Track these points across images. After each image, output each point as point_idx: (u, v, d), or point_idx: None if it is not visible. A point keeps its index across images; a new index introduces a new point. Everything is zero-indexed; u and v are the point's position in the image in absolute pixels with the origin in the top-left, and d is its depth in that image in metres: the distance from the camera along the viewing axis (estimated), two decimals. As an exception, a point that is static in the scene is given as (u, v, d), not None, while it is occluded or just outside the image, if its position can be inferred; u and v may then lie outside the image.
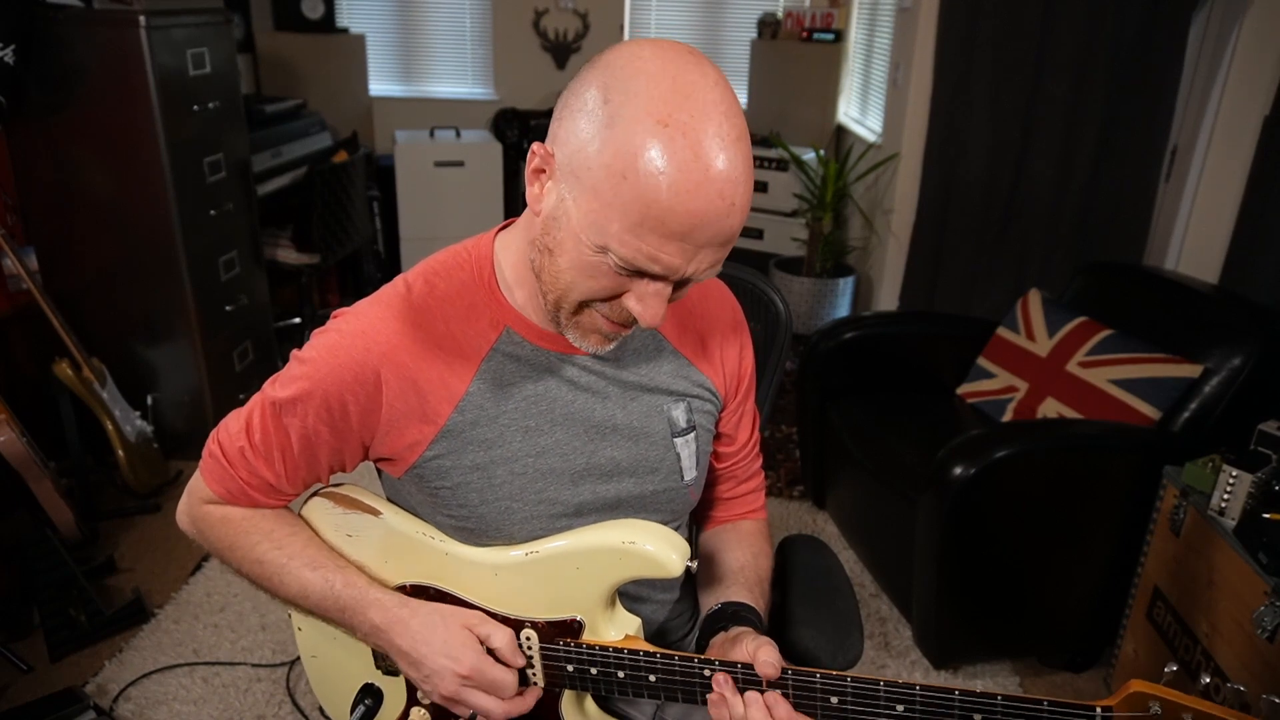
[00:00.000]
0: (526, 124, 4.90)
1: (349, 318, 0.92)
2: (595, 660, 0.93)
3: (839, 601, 1.21)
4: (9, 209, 2.62)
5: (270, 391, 0.93)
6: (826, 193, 3.96)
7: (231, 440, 0.96)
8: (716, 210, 0.73)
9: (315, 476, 0.98)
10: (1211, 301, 2.12)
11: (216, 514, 0.99)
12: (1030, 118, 3.02)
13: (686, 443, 1.01)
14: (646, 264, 0.76)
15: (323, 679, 1.12)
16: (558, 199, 0.79)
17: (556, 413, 0.95)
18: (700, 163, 0.71)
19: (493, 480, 0.93)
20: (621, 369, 0.97)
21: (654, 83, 0.73)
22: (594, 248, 0.77)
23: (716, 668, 0.89)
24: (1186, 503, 1.71)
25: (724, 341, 1.05)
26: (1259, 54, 2.45)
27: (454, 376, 0.91)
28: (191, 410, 2.86)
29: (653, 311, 0.80)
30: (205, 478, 0.98)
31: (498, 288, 0.93)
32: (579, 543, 0.93)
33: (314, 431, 0.92)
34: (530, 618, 0.95)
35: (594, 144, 0.74)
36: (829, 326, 2.55)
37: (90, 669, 2.01)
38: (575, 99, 0.77)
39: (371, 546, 1.00)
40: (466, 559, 0.96)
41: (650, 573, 0.91)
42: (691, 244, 0.75)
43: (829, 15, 4.48)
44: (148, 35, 2.43)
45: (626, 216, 0.73)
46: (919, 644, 2.14)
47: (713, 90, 0.74)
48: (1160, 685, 0.78)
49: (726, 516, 1.17)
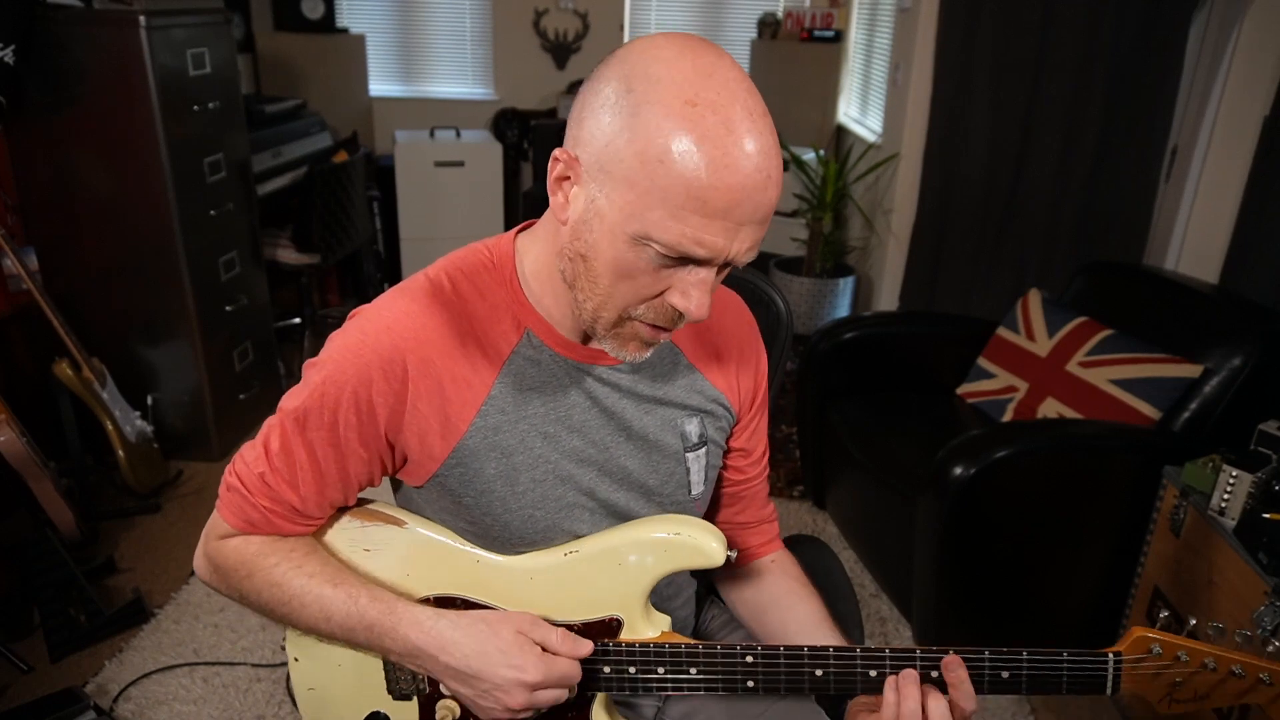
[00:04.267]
0: (526, 124, 4.90)
1: (370, 314, 0.89)
2: (635, 659, 0.92)
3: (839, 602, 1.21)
4: (9, 209, 2.62)
5: (287, 406, 0.89)
6: (826, 193, 3.96)
7: (249, 468, 0.91)
8: (755, 183, 0.73)
9: (343, 493, 0.93)
10: (1211, 301, 2.12)
11: (233, 543, 0.95)
12: (1030, 118, 3.02)
13: (697, 457, 1.00)
14: (692, 248, 0.74)
15: (321, 712, 1.03)
16: (587, 200, 0.78)
17: (574, 420, 0.93)
18: (734, 137, 0.71)
19: (515, 488, 0.92)
20: (637, 381, 0.96)
21: (674, 67, 0.73)
22: (633, 241, 0.75)
23: (759, 654, 0.91)
24: (1186, 503, 1.71)
25: (739, 356, 1.04)
26: (1259, 54, 2.45)
27: (477, 378, 0.89)
28: (191, 410, 2.85)
29: (698, 302, 0.78)
30: (224, 514, 0.93)
31: (521, 290, 0.91)
32: (621, 538, 0.93)
33: (342, 438, 0.88)
34: (566, 621, 0.93)
35: (623, 135, 0.73)
36: (829, 326, 2.55)
37: (90, 669, 2.01)
38: (594, 98, 0.77)
39: (392, 560, 0.96)
40: (500, 565, 0.94)
41: (696, 563, 0.92)
42: (733, 221, 0.74)
43: (829, 15, 4.48)
44: (148, 35, 2.43)
45: (668, 201, 0.73)
46: (919, 644, 2.14)
47: (732, 69, 0.74)
48: (1157, 630, 0.90)
49: (753, 548, 1.13)
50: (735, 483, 1.11)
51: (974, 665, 0.89)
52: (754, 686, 0.92)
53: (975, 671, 0.89)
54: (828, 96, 4.52)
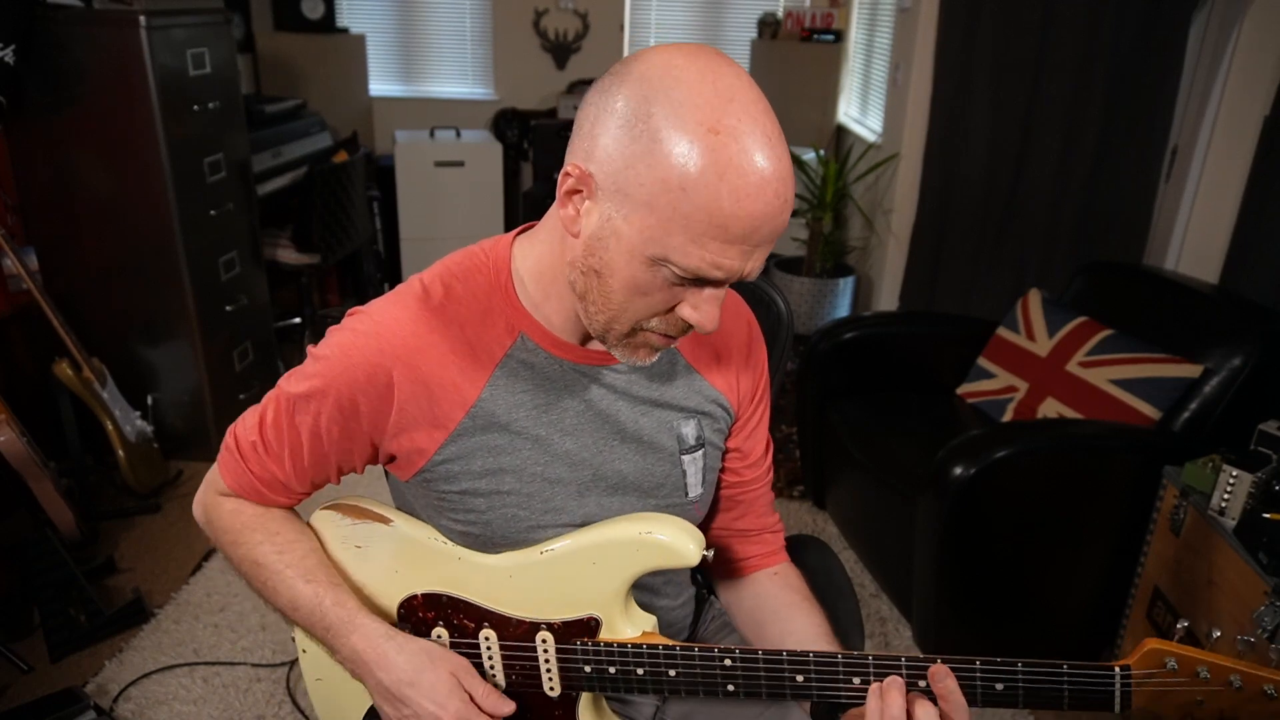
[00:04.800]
0: (526, 124, 4.90)
1: (363, 316, 0.91)
2: (614, 658, 0.93)
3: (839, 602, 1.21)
4: (9, 209, 2.62)
5: (285, 387, 0.93)
6: (826, 193, 3.96)
7: (246, 434, 0.97)
8: (773, 209, 0.74)
9: (325, 476, 0.98)
10: (1211, 301, 2.12)
11: (228, 506, 1.00)
12: (1030, 118, 3.02)
13: (694, 459, 1.00)
14: (710, 271, 0.76)
15: (328, 703, 1.09)
16: (602, 219, 0.78)
17: (567, 423, 0.94)
18: (755, 166, 0.72)
19: (500, 487, 0.93)
20: (633, 383, 0.96)
21: (695, 91, 0.72)
22: (649, 262, 0.77)
23: (738, 657, 0.89)
24: (1186, 503, 1.71)
25: (738, 355, 1.04)
26: (1259, 54, 2.45)
27: (467, 381, 0.90)
28: (191, 410, 2.86)
29: (710, 317, 0.80)
30: (220, 469, 1.00)
31: (515, 293, 0.92)
32: (594, 537, 0.93)
33: (325, 430, 0.92)
34: (546, 619, 0.94)
35: (644, 160, 0.73)
36: (829, 326, 2.55)
37: (90, 669, 2.01)
38: (606, 113, 0.76)
39: (382, 556, 0.99)
40: (480, 563, 0.95)
41: (668, 563, 0.91)
42: (750, 244, 0.75)
43: (829, 15, 4.48)
44: (148, 35, 2.43)
45: (690, 228, 0.73)
46: (919, 644, 2.14)
47: (749, 89, 0.75)
48: (1174, 642, 0.82)
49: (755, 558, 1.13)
50: (731, 485, 1.10)
51: (964, 676, 0.86)
52: (734, 690, 0.91)
53: (966, 683, 0.86)
54: (828, 96, 4.52)
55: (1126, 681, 0.84)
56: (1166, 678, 0.82)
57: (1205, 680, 0.81)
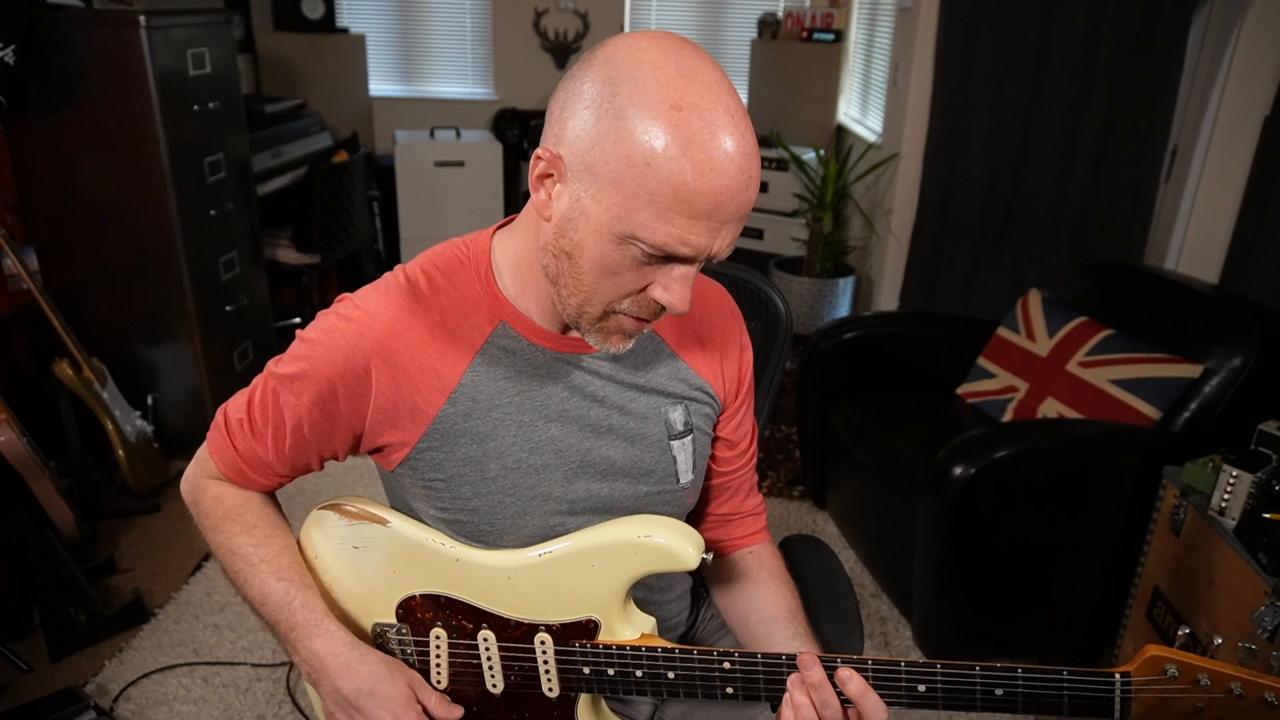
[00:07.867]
0: (526, 124, 4.90)
1: (348, 303, 0.93)
2: (613, 660, 0.93)
3: (839, 602, 1.21)
4: (9, 209, 2.62)
5: (272, 368, 0.95)
6: (826, 193, 3.96)
7: (235, 413, 0.99)
8: (738, 185, 0.75)
9: (305, 460, 0.99)
10: (1211, 301, 2.12)
11: (214, 490, 1.02)
12: (1030, 118, 3.02)
13: (683, 445, 1.00)
14: (677, 247, 0.77)
15: None
16: (571, 200, 0.79)
17: (551, 409, 0.94)
18: (718, 140, 0.73)
19: (485, 473, 0.93)
20: (619, 370, 0.97)
21: (658, 70, 0.74)
22: (618, 240, 0.78)
23: (737, 660, 0.89)
24: (1186, 503, 1.71)
25: (723, 344, 1.05)
26: (1259, 54, 2.45)
27: (447, 368, 0.91)
28: (191, 410, 2.86)
29: (680, 296, 0.81)
30: (208, 445, 1.02)
31: (495, 284, 0.93)
32: (593, 539, 0.93)
33: (306, 412, 0.93)
34: (545, 621, 0.94)
35: (609, 137, 0.75)
36: (829, 326, 2.55)
37: (90, 669, 2.01)
38: (575, 97, 0.77)
39: (380, 557, 0.99)
40: (479, 564, 0.95)
41: (667, 566, 0.91)
42: (716, 221, 0.76)
43: (829, 15, 4.48)
44: (148, 35, 2.43)
45: (655, 203, 0.75)
46: (919, 644, 2.14)
47: (713, 70, 0.76)
48: (1175, 649, 0.81)
49: (734, 540, 1.14)
50: (719, 474, 1.11)
51: (964, 681, 0.86)
52: (733, 693, 0.91)
53: (966, 688, 0.86)
54: (828, 96, 4.52)
55: (1126, 688, 0.83)
56: (1167, 684, 0.82)
57: (1206, 687, 0.81)
